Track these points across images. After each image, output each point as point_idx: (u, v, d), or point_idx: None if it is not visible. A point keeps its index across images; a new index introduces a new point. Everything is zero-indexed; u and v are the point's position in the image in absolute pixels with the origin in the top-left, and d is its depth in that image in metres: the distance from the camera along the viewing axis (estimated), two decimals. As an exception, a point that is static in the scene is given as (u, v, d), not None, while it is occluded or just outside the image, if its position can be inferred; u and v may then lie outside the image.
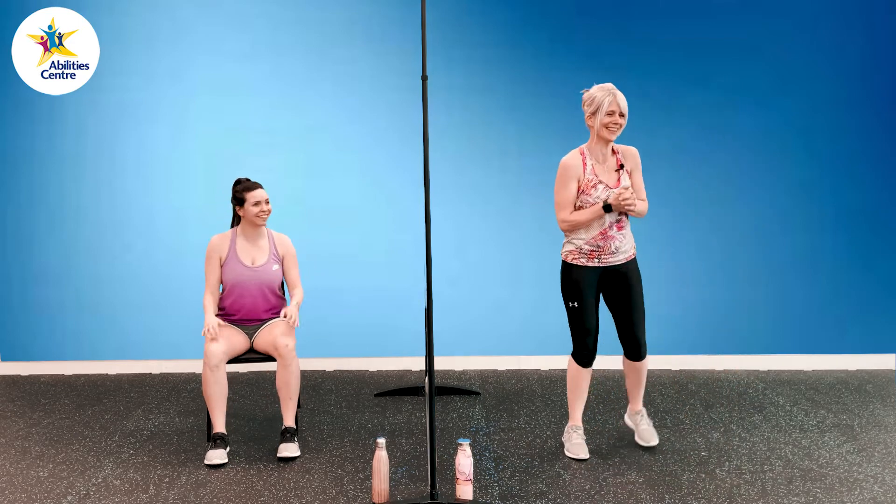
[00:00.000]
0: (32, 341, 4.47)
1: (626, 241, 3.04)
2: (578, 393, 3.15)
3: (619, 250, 3.01)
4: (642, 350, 3.13)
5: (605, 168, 3.01)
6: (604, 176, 3.00)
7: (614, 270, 3.04)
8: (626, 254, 3.05)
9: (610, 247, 2.99)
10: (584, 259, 3.02)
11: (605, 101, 2.92)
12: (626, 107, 2.94)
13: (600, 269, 3.03)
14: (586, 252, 3.02)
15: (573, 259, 3.04)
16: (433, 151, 4.14)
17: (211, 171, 4.34)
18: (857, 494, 2.73)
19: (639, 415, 3.28)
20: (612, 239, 2.99)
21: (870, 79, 4.34)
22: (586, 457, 3.09)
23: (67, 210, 4.39)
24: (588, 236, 3.00)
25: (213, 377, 3.08)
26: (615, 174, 3.01)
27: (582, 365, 3.10)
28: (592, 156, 3.02)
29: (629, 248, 3.06)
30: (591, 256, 3.01)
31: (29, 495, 2.78)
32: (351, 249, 4.42)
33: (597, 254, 3.01)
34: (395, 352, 4.50)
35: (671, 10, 4.31)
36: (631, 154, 3.06)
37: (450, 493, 2.70)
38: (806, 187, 4.41)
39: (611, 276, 3.04)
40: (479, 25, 4.34)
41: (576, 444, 3.13)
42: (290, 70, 4.34)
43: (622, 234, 3.01)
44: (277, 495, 2.76)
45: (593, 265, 3.02)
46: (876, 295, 4.45)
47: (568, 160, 3.02)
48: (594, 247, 3.00)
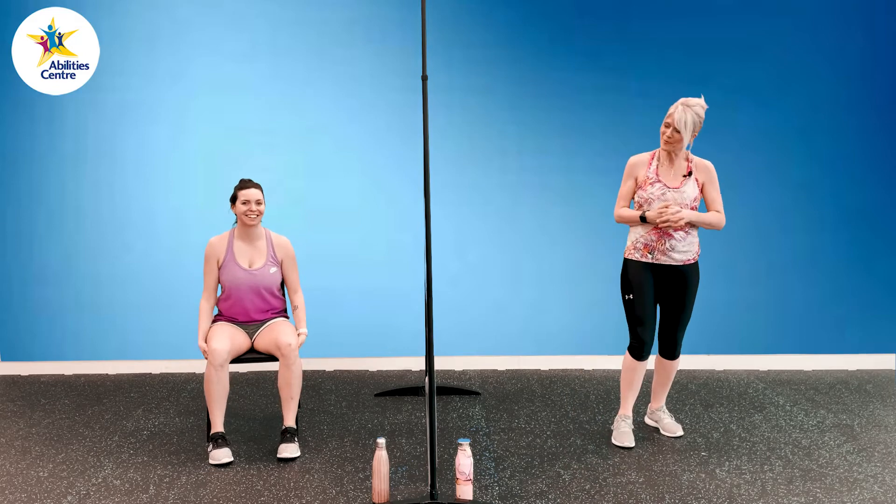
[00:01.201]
0: (32, 341, 4.47)
1: (687, 243, 3.10)
2: (631, 385, 3.28)
3: (674, 249, 3.08)
4: (677, 350, 3.28)
5: (672, 171, 3.10)
6: (666, 177, 3.09)
7: (671, 269, 3.13)
8: (685, 256, 3.11)
9: (665, 244, 3.07)
10: (638, 254, 3.14)
11: (670, 111, 3.04)
12: (682, 125, 2.97)
13: (655, 266, 3.13)
14: (640, 247, 3.13)
15: (629, 254, 3.19)
16: (433, 151, 4.14)
17: (211, 172, 4.34)
18: (857, 494, 2.73)
19: (660, 411, 3.43)
20: (667, 237, 3.07)
21: (870, 79, 4.35)
22: (631, 445, 3.21)
23: (67, 210, 4.39)
24: (644, 230, 3.12)
25: (216, 376, 3.08)
26: (681, 179, 3.09)
27: (636, 358, 3.21)
28: (661, 159, 3.13)
29: (689, 251, 3.12)
30: (644, 251, 3.12)
31: (29, 495, 2.78)
32: (351, 249, 4.42)
33: (650, 248, 3.10)
34: (395, 352, 4.50)
35: (671, 10, 4.31)
36: (704, 166, 3.13)
37: (450, 493, 2.70)
38: (806, 187, 4.41)
39: (667, 273, 3.14)
40: (479, 25, 4.34)
41: (623, 432, 3.26)
42: (290, 70, 4.34)
43: (681, 234, 3.08)
44: (277, 495, 2.76)
45: (646, 261, 3.13)
46: (876, 295, 4.45)
47: (634, 158, 3.18)
48: (648, 240, 3.11)
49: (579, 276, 4.46)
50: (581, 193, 4.43)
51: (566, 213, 4.42)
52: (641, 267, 3.14)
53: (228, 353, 3.12)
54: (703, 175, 3.12)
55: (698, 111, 2.98)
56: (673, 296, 3.17)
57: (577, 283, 4.46)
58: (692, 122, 2.97)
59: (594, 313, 4.49)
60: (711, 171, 3.13)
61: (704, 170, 3.13)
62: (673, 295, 3.16)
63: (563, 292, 4.47)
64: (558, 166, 4.40)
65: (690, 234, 3.10)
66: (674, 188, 3.08)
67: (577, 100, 4.38)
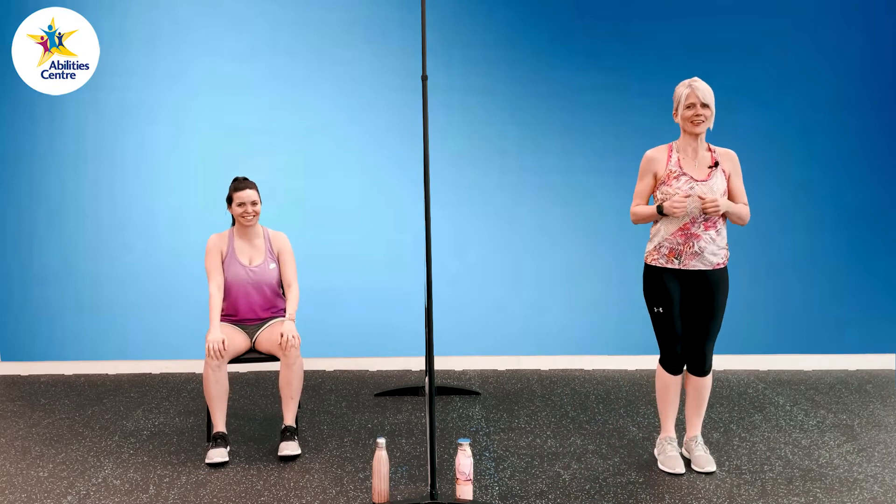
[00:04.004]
0: (32, 341, 4.47)
1: (716, 244, 2.81)
2: (669, 401, 2.97)
3: (703, 251, 2.79)
4: (707, 364, 2.91)
5: (695, 163, 2.81)
6: (690, 169, 2.80)
7: (699, 274, 2.82)
8: (715, 259, 2.82)
9: (692, 246, 2.79)
10: (663, 260, 2.84)
11: (682, 94, 2.76)
12: (707, 95, 2.73)
13: (682, 273, 2.83)
14: (665, 252, 2.83)
15: (652, 260, 2.87)
16: (433, 151, 4.14)
17: (211, 172, 4.34)
18: (857, 494, 2.73)
19: (693, 441, 3.01)
20: (695, 238, 2.78)
21: (870, 79, 4.35)
22: (682, 471, 2.89)
23: (67, 210, 4.39)
24: (668, 232, 2.81)
25: (214, 376, 3.08)
26: (707, 170, 2.80)
27: (671, 372, 2.93)
28: (680, 150, 2.84)
29: (719, 254, 2.83)
30: (670, 256, 2.82)
31: (29, 495, 2.78)
32: (351, 249, 4.42)
33: (676, 253, 2.81)
34: (395, 352, 4.50)
35: (671, 10, 4.31)
36: (729, 156, 2.86)
37: (450, 493, 2.70)
38: (806, 187, 4.41)
39: (694, 280, 2.83)
40: (479, 25, 4.34)
41: (671, 456, 2.95)
42: (290, 70, 4.34)
43: (710, 236, 2.79)
44: (277, 495, 2.76)
45: (673, 267, 2.82)
46: (876, 295, 4.45)
47: (650, 153, 2.88)
48: (674, 244, 2.81)
49: (579, 276, 4.46)
50: (581, 193, 4.43)
51: (566, 213, 4.42)
52: (668, 274, 2.83)
53: (227, 353, 3.12)
54: (730, 165, 2.84)
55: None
56: (701, 305, 2.84)
57: (577, 283, 4.46)
58: (712, 95, 2.74)
59: (594, 313, 4.48)
60: (736, 161, 2.86)
61: (730, 159, 2.85)
62: (701, 304, 2.84)
63: (563, 292, 4.47)
64: (558, 166, 4.40)
65: (720, 236, 2.82)
66: (701, 181, 2.78)
67: (577, 100, 4.38)
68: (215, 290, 3.24)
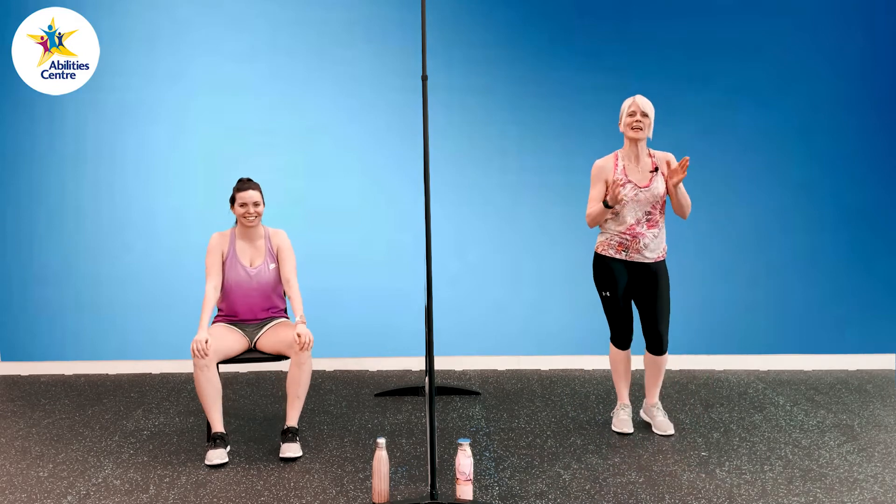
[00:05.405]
0: (32, 341, 4.47)
1: (657, 241, 3.23)
2: (621, 374, 3.43)
3: (647, 248, 3.20)
4: (664, 345, 3.33)
5: (638, 169, 3.21)
6: (634, 176, 3.19)
7: (643, 266, 3.24)
8: (656, 253, 3.24)
9: (639, 243, 3.19)
10: (612, 251, 3.25)
11: (626, 105, 3.20)
12: (646, 105, 3.15)
13: (628, 264, 3.24)
14: (615, 244, 3.24)
15: (602, 250, 3.28)
16: (433, 151, 4.14)
17: (211, 172, 4.34)
18: (857, 494, 2.73)
19: (654, 407, 3.45)
20: (641, 236, 3.19)
21: (870, 79, 4.35)
22: (630, 431, 3.36)
23: (67, 210, 4.39)
24: (619, 229, 3.21)
25: (203, 377, 3.07)
26: (649, 175, 3.20)
27: (620, 347, 3.38)
28: (625, 158, 3.23)
29: (659, 249, 3.25)
30: (618, 248, 3.23)
31: (29, 495, 2.78)
32: (351, 249, 4.42)
33: (624, 246, 3.22)
34: (395, 352, 4.50)
35: (671, 10, 4.31)
36: (665, 158, 3.22)
37: (450, 493, 2.70)
38: (806, 187, 4.41)
39: (639, 271, 3.25)
40: (479, 25, 4.34)
41: (621, 419, 3.41)
42: (290, 70, 4.34)
43: (653, 234, 3.20)
44: (277, 495, 2.76)
45: (620, 258, 3.24)
46: (876, 295, 4.45)
47: (599, 162, 3.28)
48: (623, 239, 3.21)
49: (579, 276, 4.45)
50: (581, 193, 4.39)
51: (566, 213, 4.42)
52: (616, 263, 3.25)
53: (214, 352, 3.09)
54: (664, 166, 3.21)
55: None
56: (647, 292, 3.26)
57: (577, 283, 4.46)
58: (652, 108, 3.16)
59: (594, 313, 4.45)
60: (672, 159, 3.20)
61: (666, 161, 3.19)
62: (647, 291, 3.26)
63: (563, 292, 4.47)
64: (558, 166, 4.40)
65: (660, 236, 3.23)
66: (644, 187, 3.17)
67: (577, 100, 4.38)
68: (211, 291, 3.24)
